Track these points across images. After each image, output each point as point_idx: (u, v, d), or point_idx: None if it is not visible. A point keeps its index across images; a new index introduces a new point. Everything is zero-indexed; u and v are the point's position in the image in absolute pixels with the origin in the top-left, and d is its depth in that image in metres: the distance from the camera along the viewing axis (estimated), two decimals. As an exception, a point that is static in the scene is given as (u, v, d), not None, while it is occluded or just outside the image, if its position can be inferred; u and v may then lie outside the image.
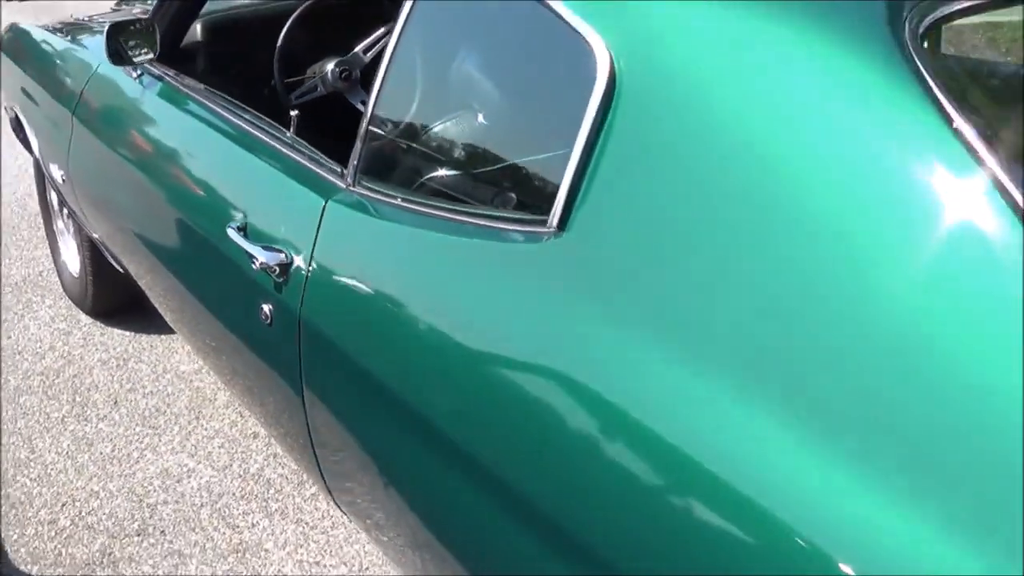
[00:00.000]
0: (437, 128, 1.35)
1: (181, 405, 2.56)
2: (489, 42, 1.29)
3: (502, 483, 1.03)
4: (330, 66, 2.15)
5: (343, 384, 1.36)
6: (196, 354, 2.34)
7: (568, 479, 0.93)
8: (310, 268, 1.37)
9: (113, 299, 2.87)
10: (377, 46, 2.15)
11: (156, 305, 2.27)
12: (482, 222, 1.15)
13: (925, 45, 0.90)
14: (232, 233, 1.52)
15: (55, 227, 3.06)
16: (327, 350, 1.36)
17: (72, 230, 2.89)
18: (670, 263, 0.92)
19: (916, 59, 0.86)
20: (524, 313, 1.05)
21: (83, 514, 2.18)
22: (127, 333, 2.90)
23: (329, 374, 1.37)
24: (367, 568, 2.02)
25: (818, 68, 0.91)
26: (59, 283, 3.12)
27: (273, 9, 2.35)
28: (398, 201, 1.31)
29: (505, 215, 1.14)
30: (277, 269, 1.42)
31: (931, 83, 0.84)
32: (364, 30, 2.20)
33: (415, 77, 1.35)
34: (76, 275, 2.93)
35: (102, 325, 2.94)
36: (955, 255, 0.79)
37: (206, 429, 2.46)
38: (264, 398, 1.66)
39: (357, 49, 2.20)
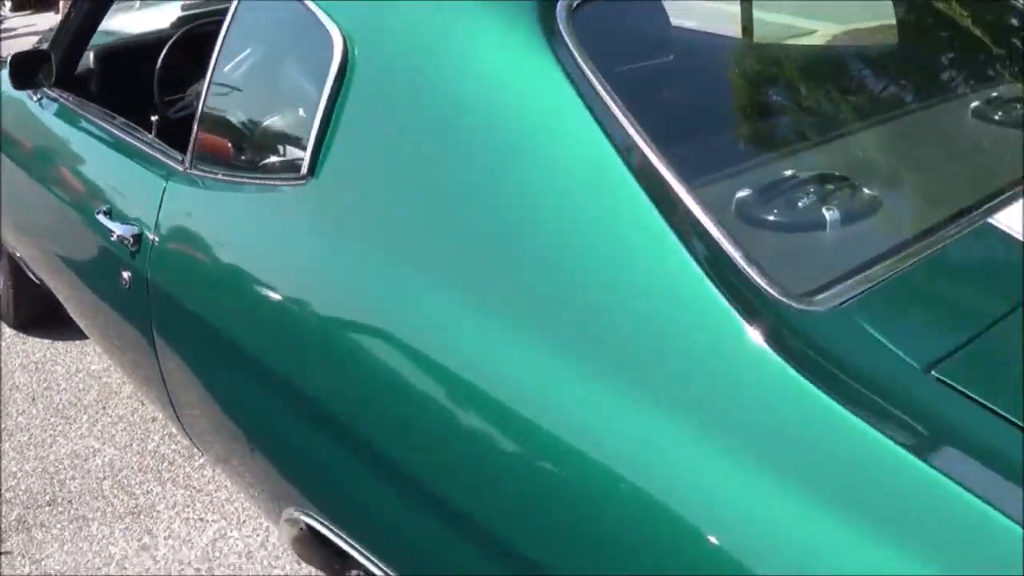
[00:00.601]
0: (237, 113, 1.69)
1: (90, 398, 2.84)
2: (270, 39, 1.63)
3: (303, 397, 1.31)
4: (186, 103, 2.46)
5: (184, 331, 1.66)
6: (101, 350, 2.62)
7: (360, 392, 1.21)
8: (155, 237, 1.69)
9: (33, 312, 3.15)
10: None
11: (68, 309, 2.56)
12: (266, 181, 1.48)
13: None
14: (100, 217, 1.84)
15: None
16: (168, 302, 1.67)
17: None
18: (398, 192, 1.25)
19: (563, 31, 1.16)
20: (296, 244, 1.37)
21: (3, 491, 2.45)
22: (45, 341, 3.18)
23: (172, 323, 1.68)
24: (244, 521, 2.30)
25: (495, 43, 1.22)
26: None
27: (156, 37, 2.68)
28: (218, 176, 1.63)
29: (278, 173, 1.47)
30: (131, 240, 1.73)
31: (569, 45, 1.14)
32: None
33: (226, 79, 1.68)
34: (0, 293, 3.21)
35: (23, 336, 3.22)
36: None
37: (111, 416, 2.75)
38: (131, 356, 1.95)
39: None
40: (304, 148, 1.36)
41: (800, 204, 1.16)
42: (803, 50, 1.89)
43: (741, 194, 1.14)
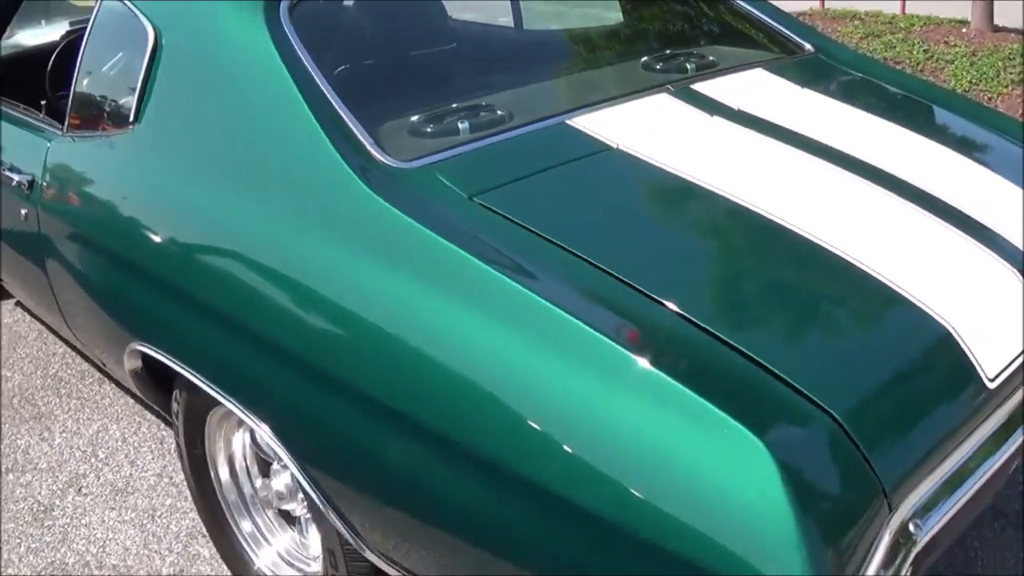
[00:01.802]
0: (92, 90, 2.38)
1: (3, 342, 3.50)
2: (111, 36, 2.34)
3: (142, 268, 1.97)
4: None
5: (62, 242, 2.35)
6: (9, 281, 3.20)
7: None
8: (42, 181, 2.39)
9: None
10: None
11: None
12: (110, 132, 2.19)
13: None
14: (4, 171, 2.53)
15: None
16: (52, 224, 2.36)
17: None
18: (189, 123, 1.95)
19: (281, 19, 1.90)
20: (128, 167, 2.08)
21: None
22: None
23: (55, 238, 2.37)
24: (121, 418, 2.99)
25: (238, 27, 1.95)
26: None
27: (49, 45, 3.38)
28: (83, 136, 2.34)
29: (118, 126, 2.17)
30: (26, 184, 2.43)
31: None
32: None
33: (86, 66, 2.38)
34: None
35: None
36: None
37: (19, 354, 3.41)
38: (29, 273, 2.62)
39: None
40: (131, 106, 2.08)
41: (454, 120, 1.88)
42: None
43: (398, 102, 1.89)
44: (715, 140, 1.93)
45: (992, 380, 1.49)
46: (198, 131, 1.92)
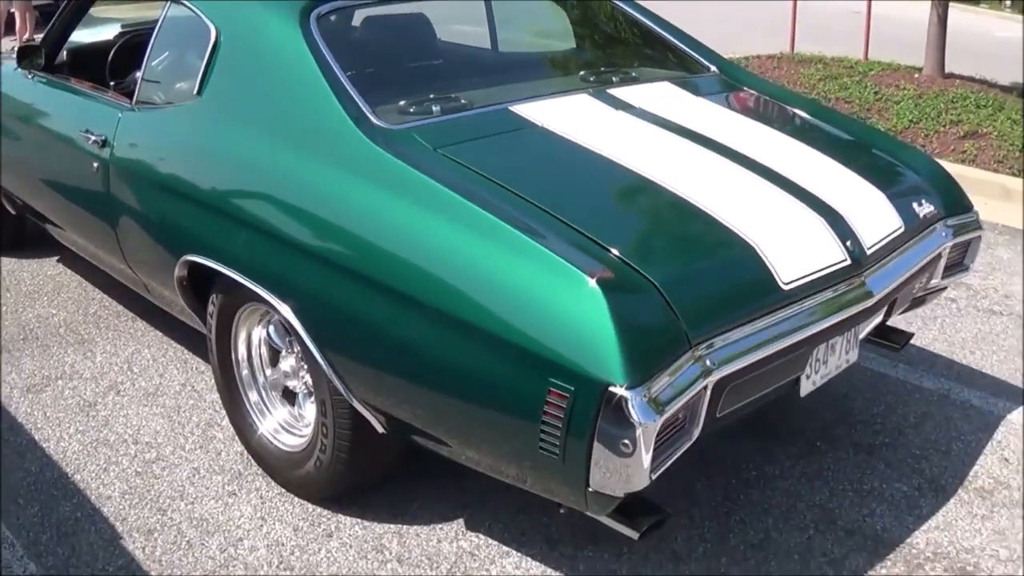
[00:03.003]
0: (161, 72, 3.22)
1: (48, 288, 4.30)
2: (179, 33, 3.18)
3: (199, 199, 2.81)
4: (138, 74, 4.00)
5: (130, 190, 3.15)
6: (68, 231, 3.98)
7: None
8: (114, 141, 3.20)
9: (7, 238, 4.60)
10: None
11: (45, 214, 4.00)
12: (178, 103, 3.03)
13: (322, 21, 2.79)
14: (83, 133, 3.34)
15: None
16: (121, 174, 3.17)
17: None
18: (240, 96, 2.79)
19: (311, 25, 2.74)
20: (192, 130, 2.91)
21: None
22: (13, 259, 4.62)
23: (123, 188, 3.18)
24: (152, 344, 3.78)
25: (279, 28, 2.78)
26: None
27: (104, 43, 4.24)
28: (151, 108, 3.17)
29: (184, 99, 3.01)
30: (101, 141, 3.24)
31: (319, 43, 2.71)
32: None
33: (155, 56, 3.23)
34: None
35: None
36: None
37: (62, 297, 4.21)
38: (93, 221, 3.42)
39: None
40: (195, 84, 2.91)
41: (429, 104, 2.71)
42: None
43: (393, 89, 2.73)
44: (614, 125, 2.76)
45: (787, 284, 2.29)
46: (247, 100, 2.75)
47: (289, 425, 2.89)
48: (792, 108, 3.24)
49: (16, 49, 3.87)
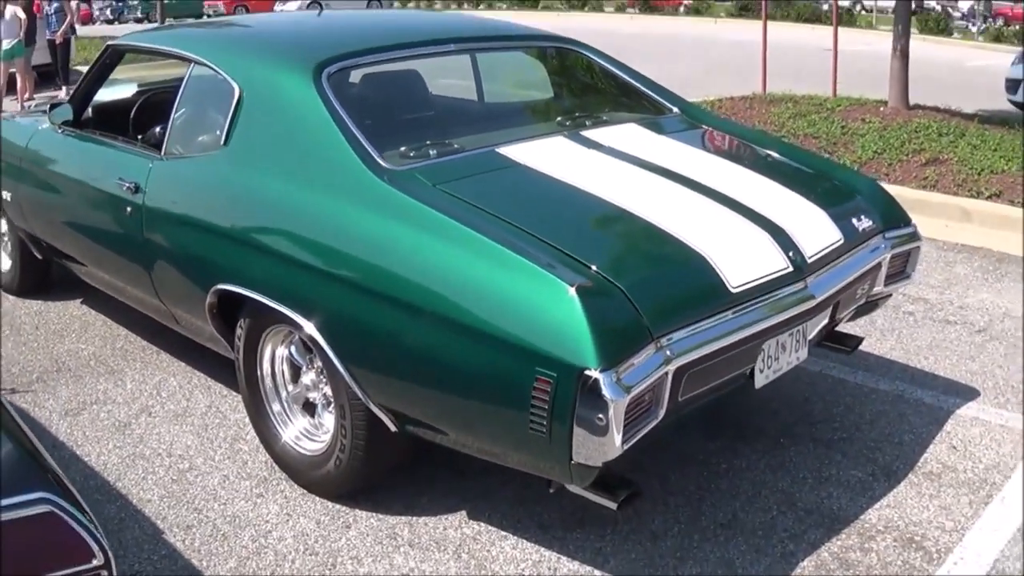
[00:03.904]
0: (188, 125, 3.71)
1: (75, 326, 4.74)
2: (204, 90, 3.67)
3: (228, 235, 3.30)
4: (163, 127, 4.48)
5: (161, 231, 3.61)
6: (99, 272, 4.42)
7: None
8: (146, 187, 3.67)
9: (33, 281, 5.06)
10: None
11: (71, 266, 4.46)
12: (204, 153, 3.51)
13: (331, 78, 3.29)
14: (117, 180, 3.81)
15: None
16: (152, 222, 3.63)
17: (3, 242, 5.09)
18: (260, 146, 3.28)
19: (323, 81, 3.23)
20: (219, 176, 3.38)
21: (23, 367, 4.32)
22: (38, 301, 5.07)
23: (155, 229, 3.64)
24: (177, 373, 4.22)
25: (295, 86, 3.28)
26: (-8, 281, 5.31)
27: (125, 101, 4.73)
28: (180, 158, 3.65)
29: (210, 148, 3.49)
30: (134, 187, 3.71)
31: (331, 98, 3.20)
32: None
33: (183, 109, 3.71)
34: (6, 271, 5.11)
35: (24, 299, 5.11)
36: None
37: (89, 334, 4.65)
38: (124, 262, 3.88)
39: None
40: (222, 135, 3.39)
41: (427, 149, 3.19)
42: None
43: (395, 137, 3.22)
44: (586, 162, 3.26)
45: (736, 288, 2.76)
46: (270, 148, 3.24)
47: (309, 433, 3.32)
48: (744, 141, 3.74)
49: (49, 105, 4.38)
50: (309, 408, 3.34)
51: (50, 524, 1.73)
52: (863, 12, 36.83)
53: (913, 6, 8.04)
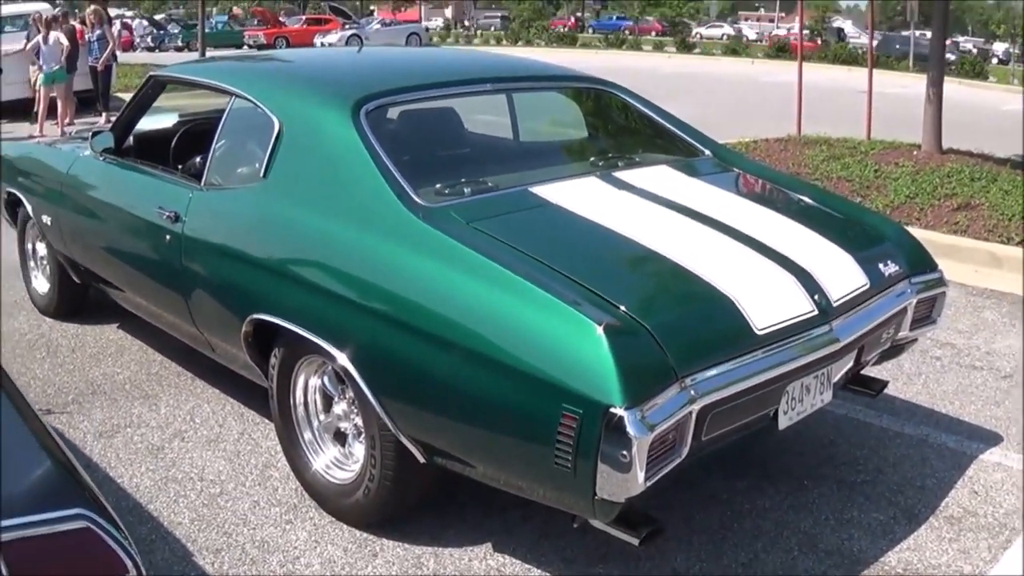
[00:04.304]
0: (228, 157, 3.84)
1: (111, 351, 4.88)
2: (245, 123, 3.80)
3: (268, 267, 3.42)
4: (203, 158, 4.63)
5: (200, 260, 3.74)
6: (136, 299, 4.56)
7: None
8: (186, 216, 3.81)
9: (70, 305, 5.21)
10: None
11: (108, 291, 4.60)
12: (245, 184, 3.64)
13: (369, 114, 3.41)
14: (157, 209, 3.95)
15: (28, 268, 5.43)
16: (192, 244, 3.76)
17: (43, 265, 5.25)
18: (300, 179, 3.41)
19: (361, 118, 3.36)
20: (258, 207, 3.51)
21: (60, 388, 4.45)
22: (74, 323, 5.22)
23: (193, 257, 3.76)
24: (211, 400, 4.33)
25: (335, 122, 3.41)
26: (30, 302, 5.45)
27: (165, 130, 4.89)
28: (220, 188, 3.78)
29: (249, 180, 3.62)
30: (173, 216, 3.84)
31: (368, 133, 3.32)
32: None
33: (223, 140, 3.85)
34: (44, 293, 5.27)
35: (61, 321, 5.26)
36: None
37: (125, 358, 4.78)
38: (162, 289, 4.01)
39: None
40: (261, 167, 3.51)
41: (462, 186, 3.30)
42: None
43: (431, 174, 3.33)
44: (618, 203, 3.35)
45: (761, 330, 2.83)
46: (308, 182, 3.36)
47: (340, 462, 3.41)
48: (773, 184, 3.82)
49: (91, 133, 4.55)
50: (340, 437, 3.43)
51: (86, 540, 1.78)
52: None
53: (947, 51, 8.11)
